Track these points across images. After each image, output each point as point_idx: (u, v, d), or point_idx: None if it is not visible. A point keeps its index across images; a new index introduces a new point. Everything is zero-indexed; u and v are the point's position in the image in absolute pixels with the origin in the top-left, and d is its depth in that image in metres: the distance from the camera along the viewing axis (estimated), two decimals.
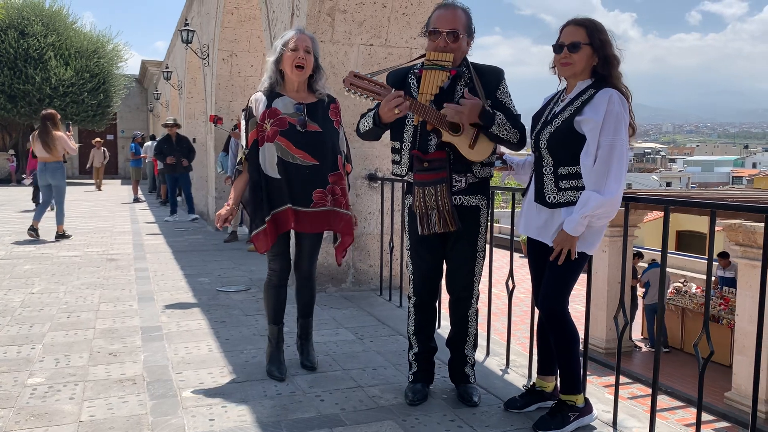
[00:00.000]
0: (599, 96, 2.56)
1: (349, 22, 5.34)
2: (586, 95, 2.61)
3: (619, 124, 2.53)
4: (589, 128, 2.56)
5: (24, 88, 22.66)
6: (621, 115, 2.54)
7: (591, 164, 2.56)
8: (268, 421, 2.82)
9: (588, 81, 2.67)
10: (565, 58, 2.63)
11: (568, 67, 2.64)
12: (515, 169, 3.06)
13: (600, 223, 2.61)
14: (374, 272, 5.52)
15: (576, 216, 2.56)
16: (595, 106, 2.55)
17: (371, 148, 5.42)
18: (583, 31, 2.61)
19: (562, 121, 2.64)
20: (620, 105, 2.55)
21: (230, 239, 8.78)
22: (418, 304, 3.09)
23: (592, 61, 2.62)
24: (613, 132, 2.53)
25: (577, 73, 2.66)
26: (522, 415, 2.92)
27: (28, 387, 3.20)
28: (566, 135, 2.62)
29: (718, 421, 8.95)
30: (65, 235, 8.61)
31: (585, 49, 2.60)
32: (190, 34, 11.88)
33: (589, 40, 2.60)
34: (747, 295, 9.14)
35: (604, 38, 2.61)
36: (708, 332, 2.51)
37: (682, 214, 15.66)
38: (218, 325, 4.37)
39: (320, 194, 3.26)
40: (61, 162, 8.41)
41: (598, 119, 2.53)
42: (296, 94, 3.29)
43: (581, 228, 2.57)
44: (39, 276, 6.04)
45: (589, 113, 2.56)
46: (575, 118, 2.60)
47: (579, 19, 2.65)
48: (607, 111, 2.53)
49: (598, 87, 2.61)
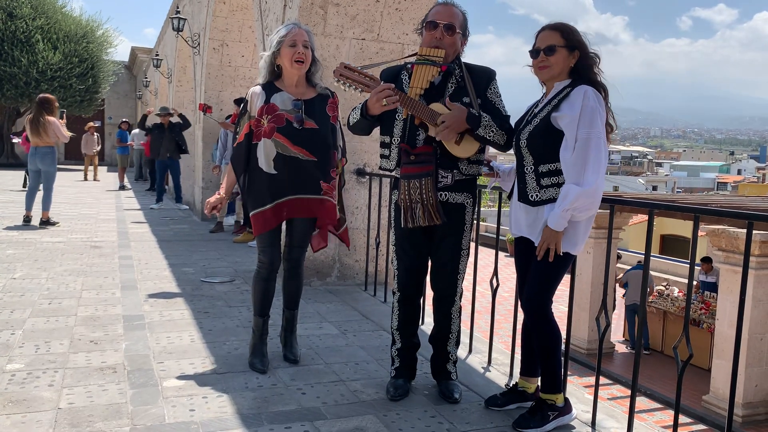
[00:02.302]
0: (575, 92, 2.62)
1: (341, 15, 5.33)
2: (563, 93, 2.67)
3: (594, 117, 2.58)
4: (566, 123, 2.60)
5: (10, 71, 22.35)
6: (596, 109, 2.59)
7: (570, 158, 2.60)
8: (248, 413, 2.82)
9: (566, 81, 2.72)
10: (542, 61, 2.70)
11: (545, 69, 2.71)
12: (501, 177, 3.10)
13: (582, 216, 2.63)
14: (360, 267, 5.52)
15: (557, 210, 2.59)
16: (571, 102, 2.61)
17: (360, 142, 5.42)
18: (557, 34, 2.68)
19: (540, 120, 2.69)
20: (595, 100, 2.60)
21: (216, 230, 8.74)
22: (402, 300, 3.09)
23: (568, 62, 2.68)
24: (588, 125, 2.57)
25: (555, 75, 2.71)
26: (502, 413, 2.94)
27: (6, 373, 3.17)
28: (544, 132, 2.66)
29: (695, 423, 9.04)
30: (50, 221, 8.50)
31: (561, 51, 2.66)
32: (181, 22, 11.78)
33: (564, 42, 2.66)
34: (728, 300, 9.25)
35: (579, 39, 2.67)
36: (688, 335, 2.53)
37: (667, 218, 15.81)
38: (201, 316, 4.36)
39: (327, 186, 3.30)
40: (53, 147, 8.31)
41: (574, 114, 2.58)
42: (294, 89, 3.29)
43: (564, 222, 2.59)
44: (21, 261, 5.99)
45: (565, 109, 2.61)
46: (552, 114, 2.65)
47: (553, 24, 2.73)
48: (583, 105, 2.57)
49: (574, 85, 2.66)
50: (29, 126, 8.14)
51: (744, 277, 2.36)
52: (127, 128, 17.82)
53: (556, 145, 2.64)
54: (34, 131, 8.09)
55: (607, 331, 2.91)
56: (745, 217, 2.36)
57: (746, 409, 8.96)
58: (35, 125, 8.07)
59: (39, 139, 8.13)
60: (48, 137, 8.14)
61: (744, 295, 2.35)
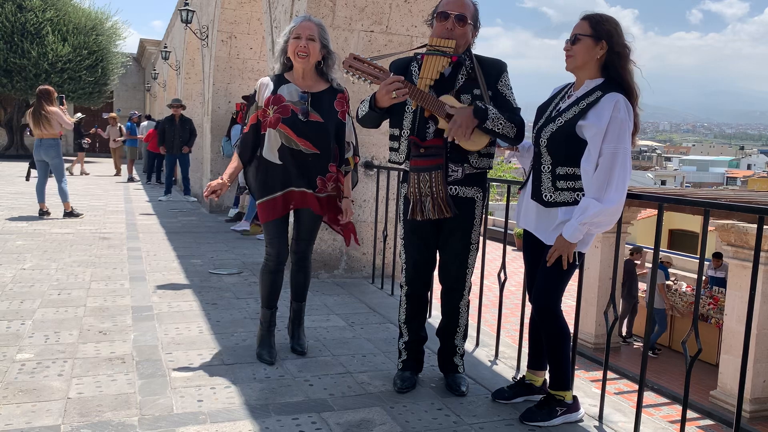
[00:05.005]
0: (605, 101, 2.51)
1: (350, 7, 5.31)
2: (593, 97, 2.56)
3: (624, 131, 2.49)
4: (592, 134, 2.52)
5: (20, 63, 22.43)
6: (625, 121, 2.49)
7: (591, 170, 2.52)
8: (256, 404, 2.83)
9: (597, 81, 2.62)
10: (567, 50, 2.64)
11: (569, 59, 2.64)
12: (521, 152, 3.01)
13: (598, 230, 2.59)
14: (367, 260, 5.52)
15: (574, 223, 2.54)
16: (599, 112, 2.51)
17: (368, 135, 5.41)
18: (586, 23, 2.59)
19: (565, 122, 2.60)
20: (625, 112, 2.50)
21: (232, 220, 8.78)
22: (409, 294, 3.09)
23: (594, 53, 2.58)
24: (616, 139, 2.48)
25: (579, 66, 2.62)
26: (509, 406, 2.94)
27: (16, 362, 3.19)
28: (567, 137, 2.59)
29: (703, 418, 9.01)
30: (74, 212, 8.50)
31: (585, 40, 2.57)
32: (189, 14, 11.78)
33: (591, 32, 2.56)
34: (736, 295, 9.21)
35: (607, 29, 2.56)
36: (697, 330, 2.52)
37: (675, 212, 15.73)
38: (209, 307, 4.37)
39: (321, 181, 3.29)
40: (57, 139, 8.32)
41: (601, 125, 2.49)
42: (302, 81, 3.29)
43: (579, 235, 2.56)
44: (31, 252, 6.02)
45: (592, 118, 2.52)
46: (578, 122, 2.56)
47: (587, 14, 2.64)
48: (612, 117, 2.48)
49: (605, 89, 2.55)
50: (31, 119, 8.16)
51: (754, 272, 2.34)
52: (137, 120, 17.85)
53: (578, 151, 2.56)
54: (36, 123, 8.11)
55: (615, 325, 2.90)
56: (756, 211, 2.34)
57: (754, 404, 8.93)
58: (37, 117, 8.09)
59: (42, 131, 8.16)
60: (51, 128, 8.16)
61: (754, 290, 2.34)
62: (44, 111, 8.07)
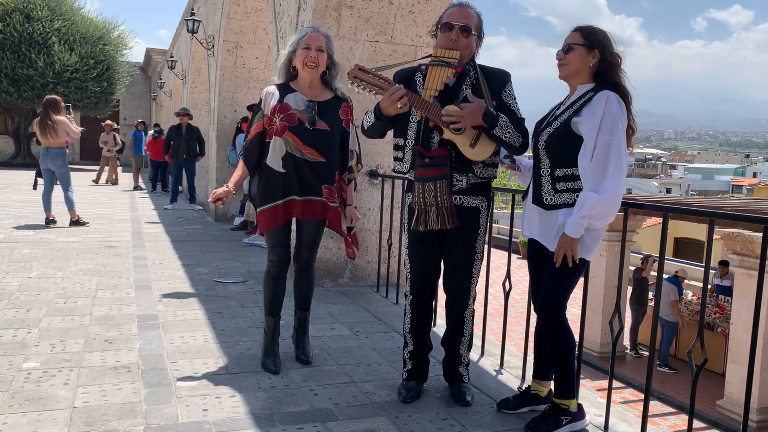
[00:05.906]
0: (597, 98, 2.60)
1: (355, 17, 5.34)
2: (586, 98, 2.65)
3: (616, 124, 2.56)
4: (587, 129, 2.59)
5: (27, 73, 22.59)
6: (618, 116, 2.57)
7: (588, 165, 2.58)
8: (261, 414, 2.83)
9: (589, 85, 2.70)
10: (560, 59, 2.72)
11: (563, 67, 2.72)
12: (522, 171, 3.06)
13: (599, 224, 2.62)
14: (372, 269, 5.52)
15: (574, 217, 2.57)
16: (593, 108, 2.59)
17: (373, 144, 5.42)
18: (578, 34, 2.69)
19: (561, 123, 2.68)
20: (617, 106, 2.58)
21: (239, 227, 8.81)
22: (414, 303, 3.09)
23: (586, 62, 2.67)
24: (609, 132, 2.55)
25: (572, 74, 2.71)
26: (514, 416, 2.93)
27: (23, 371, 3.21)
28: (564, 136, 2.65)
29: (709, 428, 8.96)
30: (80, 221, 8.53)
31: (578, 49, 2.67)
32: (195, 23, 11.86)
33: (583, 41, 2.66)
34: (743, 304, 9.16)
35: (599, 39, 2.67)
36: (702, 340, 2.51)
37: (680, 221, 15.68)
38: (215, 316, 4.38)
39: (328, 190, 3.30)
40: (64, 148, 8.36)
41: (595, 120, 2.56)
42: (309, 90, 3.31)
43: (581, 229, 2.58)
44: (37, 260, 6.05)
45: (586, 114, 2.60)
46: (573, 119, 2.64)
47: (579, 26, 2.74)
48: (605, 112, 2.56)
49: (597, 90, 2.64)
50: (38, 128, 8.20)
51: (760, 281, 2.34)
52: (143, 129, 17.94)
53: (575, 151, 2.62)
54: (43, 132, 8.16)
55: (620, 335, 2.90)
56: (762, 221, 2.34)
57: (761, 414, 8.86)
58: (44, 126, 8.14)
59: (48, 139, 8.20)
60: (58, 138, 8.20)
61: (760, 299, 2.34)
62: (51, 120, 8.12)
